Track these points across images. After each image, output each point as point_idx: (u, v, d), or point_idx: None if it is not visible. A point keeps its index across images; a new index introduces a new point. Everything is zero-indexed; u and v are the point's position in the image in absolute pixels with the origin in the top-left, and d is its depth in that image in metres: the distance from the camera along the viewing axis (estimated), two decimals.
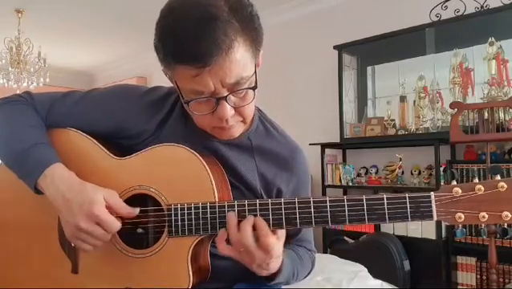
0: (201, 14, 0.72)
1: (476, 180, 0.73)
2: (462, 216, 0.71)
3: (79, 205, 0.79)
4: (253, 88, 0.79)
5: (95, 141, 0.91)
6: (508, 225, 0.66)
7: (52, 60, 4.77)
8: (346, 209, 0.76)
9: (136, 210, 0.83)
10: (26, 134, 0.89)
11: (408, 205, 0.73)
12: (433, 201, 0.72)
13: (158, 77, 4.96)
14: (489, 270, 2.37)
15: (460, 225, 0.71)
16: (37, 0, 3.82)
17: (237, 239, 0.76)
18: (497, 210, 0.69)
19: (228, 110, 0.77)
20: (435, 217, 0.72)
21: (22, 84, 4.32)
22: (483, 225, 0.72)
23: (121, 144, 0.93)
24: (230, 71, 0.74)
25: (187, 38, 0.72)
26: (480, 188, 0.70)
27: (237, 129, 0.85)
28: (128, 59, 5.67)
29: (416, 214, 0.73)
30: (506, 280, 2.46)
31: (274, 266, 0.80)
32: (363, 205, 0.75)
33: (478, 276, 2.60)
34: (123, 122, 0.91)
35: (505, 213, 0.69)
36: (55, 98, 0.96)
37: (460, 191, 0.71)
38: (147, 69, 5.53)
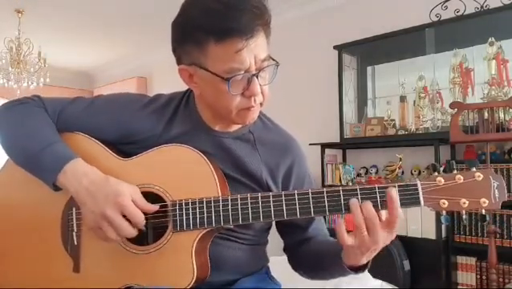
0: None
1: (455, 171, 0.80)
2: (446, 202, 0.78)
3: (105, 196, 0.82)
4: (277, 64, 0.87)
5: (101, 144, 0.94)
6: (487, 212, 0.73)
7: (52, 60, 4.77)
8: (341, 198, 0.80)
9: (156, 206, 0.86)
10: (41, 134, 0.92)
11: (397, 193, 0.78)
12: (420, 189, 0.78)
13: (158, 77, 4.95)
14: (489, 270, 2.37)
15: (444, 212, 0.78)
16: (37, 0, 3.82)
17: (362, 221, 0.77)
18: (476, 197, 0.77)
19: (258, 86, 0.84)
20: (422, 203, 0.78)
21: (22, 84, 4.32)
22: (464, 211, 0.79)
23: (126, 150, 0.96)
24: (261, 47, 0.83)
25: (231, 12, 0.78)
26: (459, 177, 0.79)
27: (257, 112, 0.91)
28: (128, 58, 5.67)
29: (406, 201, 0.78)
30: (506, 280, 2.46)
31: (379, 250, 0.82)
32: (357, 195, 0.79)
33: (478, 276, 2.59)
34: (129, 129, 0.95)
35: (483, 199, 0.77)
36: (64, 104, 0.98)
37: (442, 180, 0.79)
38: (147, 69, 5.53)
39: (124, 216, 0.82)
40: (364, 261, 0.82)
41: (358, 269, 0.85)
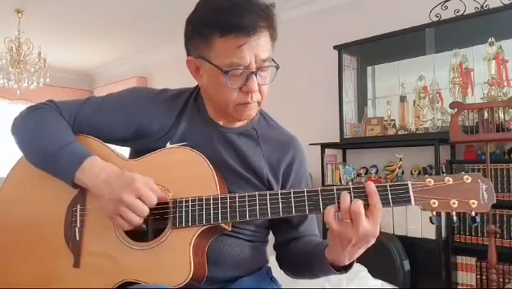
0: None
1: (444, 174, 0.83)
2: (436, 202, 0.80)
3: (121, 183, 0.86)
4: (277, 67, 0.92)
5: (107, 145, 0.98)
6: (476, 214, 0.77)
7: (52, 60, 4.77)
8: (335, 197, 0.82)
9: (169, 195, 0.89)
10: (57, 135, 0.95)
11: (389, 192, 0.81)
12: (411, 189, 0.81)
13: (158, 77, 4.95)
14: (489, 270, 2.37)
15: (435, 212, 0.81)
16: (37, 0, 3.82)
17: (347, 209, 0.79)
18: (465, 198, 0.80)
19: (256, 83, 0.89)
20: (413, 203, 0.81)
21: (22, 84, 4.31)
22: (454, 212, 0.81)
23: (140, 146, 0.98)
24: (263, 48, 0.88)
25: (238, 11, 0.85)
26: (449, 179, 0.81)
27: (254, 110, 0.96)
28: (127, 58, 5.67)
29: (397, 200, 0.81)
30: (506, 280, 2.46)
31: (361, 251, 0.84)
32: (350, 193, 0.81)
33: (478, 276, 2.59)
34: (143, 122, 0.98)
35: (472, 200, 0.80)
36: (78, 107, 1.01)
37: (432, 181, 0.81)
38: (147, 69, 5.54)
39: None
40: (346, 261, 0.85)
41: (341, 269, 0.87)
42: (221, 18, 0.85)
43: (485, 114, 2.42)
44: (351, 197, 0.80)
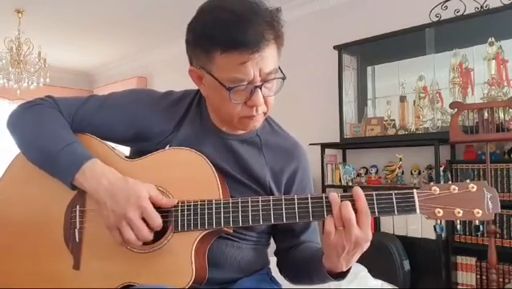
0: (247, 8, 0.81)
1: (449, 182, 0.82)
2: (441, 211, 0.80)
3: (126, 198, 0.83)
4: (283, 78, 0.88)
5: (107, 144, 0.97)
6: (480, 222, 0.78)
7: (52, 60, 4.76)
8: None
9: (175, 200, 0.87)
10: (58, 134, 0.93)
11: (394, 200, 0.80)
12: (416, 197, 0.80)
13: (158, 77, 4.94)
14: (489, 270, 2.37)
15: (439, 221, 0.82)
16: (37, 0, 3.82)
17: (339, 215, 0.79)
18: (470, 207, 0.79)
19: (261, 97, 0.86)
20: (418, 211, 0.80)
21: (22, 84, 4.31)
22: (459, 221, 0.81)
23: (139, 148, 0.97)
24: (268, 60, 0.83)
25: (241, 25, 0.80)
26: (454, 188, 0.80)
27: (259, 121, 0.93)
28: (127, 58, 5.67)
29: (402, 209, 0.81)
30: (506, 280, 2.46)
31: (358, 256, 0.83)
32: (353, 201, 0.80)
33: (478, 276, 2.60)
34: (145, 124, 0.96)
35: (477, 210, 0.79)
36: (78, 105, 0.99)
37: (438, 190, 0.81)
38: (147, 69, 5.53)
39: (143, 219, 0.83)
40: (344, 267, 0.84)
41: (338, 276, 0.87)
42: (221, 33, 0.80)
43: (485, 114, 2.42)
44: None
